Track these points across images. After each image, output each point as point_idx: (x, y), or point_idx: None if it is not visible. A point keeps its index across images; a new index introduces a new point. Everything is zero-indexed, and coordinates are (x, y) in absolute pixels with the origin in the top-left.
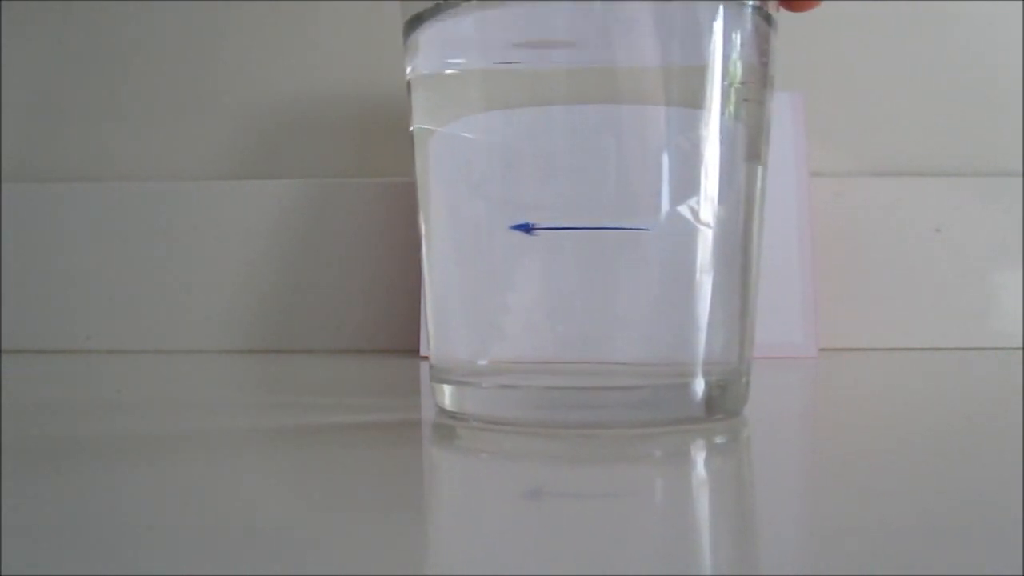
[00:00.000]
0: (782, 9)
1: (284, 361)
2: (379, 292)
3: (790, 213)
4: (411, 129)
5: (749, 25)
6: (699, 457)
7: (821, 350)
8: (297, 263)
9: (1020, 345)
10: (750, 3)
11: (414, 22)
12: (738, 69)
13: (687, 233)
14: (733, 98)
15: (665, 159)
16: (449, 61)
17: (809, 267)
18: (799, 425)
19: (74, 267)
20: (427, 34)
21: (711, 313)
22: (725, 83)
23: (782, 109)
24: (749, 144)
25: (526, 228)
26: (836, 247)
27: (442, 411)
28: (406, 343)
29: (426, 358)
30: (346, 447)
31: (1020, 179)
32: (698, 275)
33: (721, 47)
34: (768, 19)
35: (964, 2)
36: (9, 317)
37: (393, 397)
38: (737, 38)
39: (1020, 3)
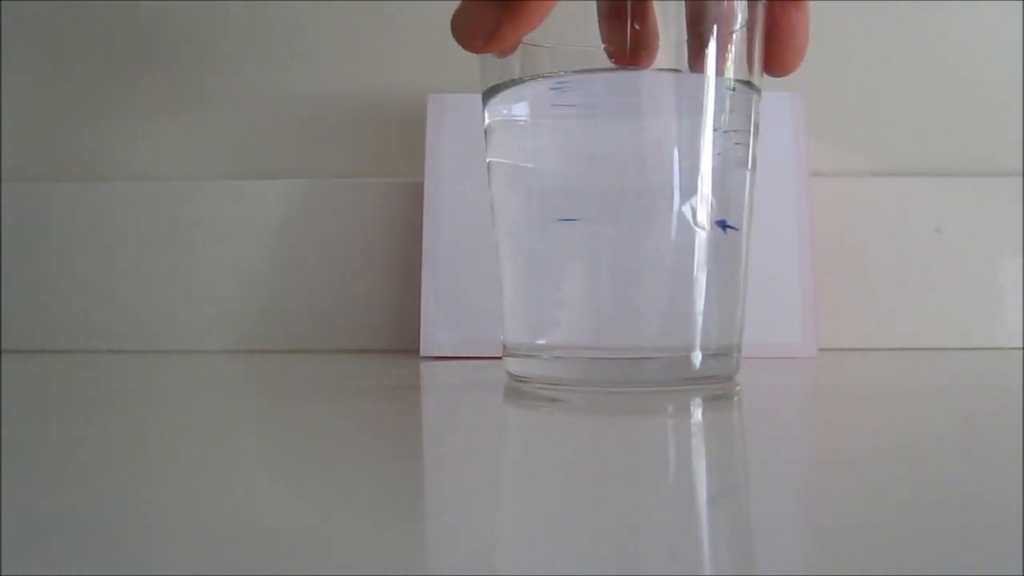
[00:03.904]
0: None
1: (285, 360)
2: (379, 292)
3: (790, 213)
4: (487, 161)
5: (735, 92)
6: (699, 408)
7: (821, 350)
8: (297, 263)
9: (1020, 345)
10: (735, 81)
11: (493, 89)
12: (726, 121)
13: (692, 238)
14: (723, 140)
15: (676, 180)
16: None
17: (809, 267)
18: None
19: (74, 267)
20: (503, 93)
21: (707, 302)
22: (718, 131)
23: (782, 109)
24: (738, 170)
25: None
26: (836, 247)
27: (511, 375)
28: (406, 343)
29: (426, 358)
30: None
31: (1020, 179)
32: (698, 271)
33: (712, 107)
34: (750, 85)
35: (964, 2)
36: (9, 317)
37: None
38: (727, 103)
39: (1020, 3)
